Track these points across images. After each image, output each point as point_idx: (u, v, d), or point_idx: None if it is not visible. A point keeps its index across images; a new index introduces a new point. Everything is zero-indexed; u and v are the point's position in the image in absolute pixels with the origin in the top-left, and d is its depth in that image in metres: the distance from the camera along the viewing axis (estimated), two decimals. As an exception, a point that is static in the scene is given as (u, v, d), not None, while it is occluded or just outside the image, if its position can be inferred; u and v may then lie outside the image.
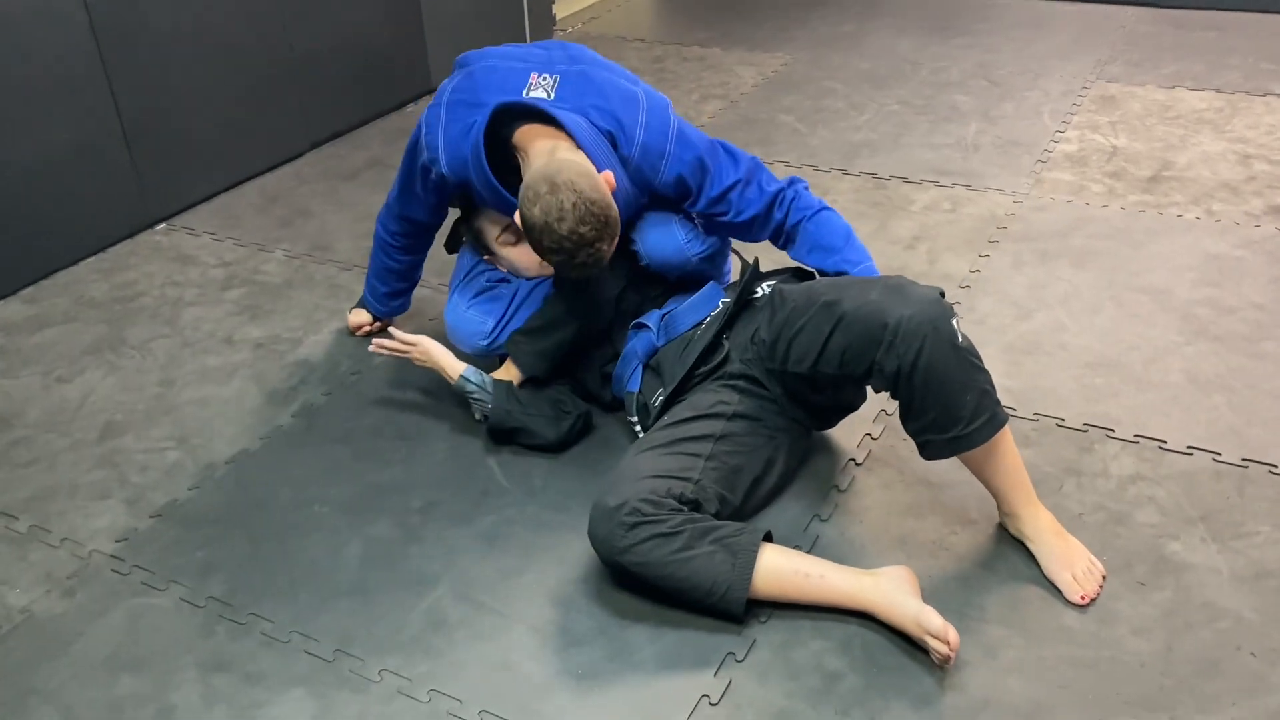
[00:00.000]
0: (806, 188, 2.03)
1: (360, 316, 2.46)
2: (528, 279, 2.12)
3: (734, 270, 2.28)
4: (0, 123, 2.60)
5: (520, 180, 1.82)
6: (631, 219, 2.01)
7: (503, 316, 2.08)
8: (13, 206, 2.67)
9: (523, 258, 2.09)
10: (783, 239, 2.03)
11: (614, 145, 1.89)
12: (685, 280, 2.10)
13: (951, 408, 1.62)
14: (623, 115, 1.88)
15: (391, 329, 2.07)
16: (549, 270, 2.06)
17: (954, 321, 1.62)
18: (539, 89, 1.91)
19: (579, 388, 2.12)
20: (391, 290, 2.39)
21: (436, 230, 2.30)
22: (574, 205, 1.69)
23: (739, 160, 1.97)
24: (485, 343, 2.09)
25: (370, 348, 2.07)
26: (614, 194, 1.79)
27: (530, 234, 1.75)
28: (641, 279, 2.10)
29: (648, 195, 1.96)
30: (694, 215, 2.02)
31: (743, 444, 1.77)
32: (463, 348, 2.14)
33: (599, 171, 1.79)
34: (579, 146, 1.83)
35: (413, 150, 2.08)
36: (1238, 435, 2.00)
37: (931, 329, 1.59)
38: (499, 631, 1.65)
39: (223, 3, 3.08)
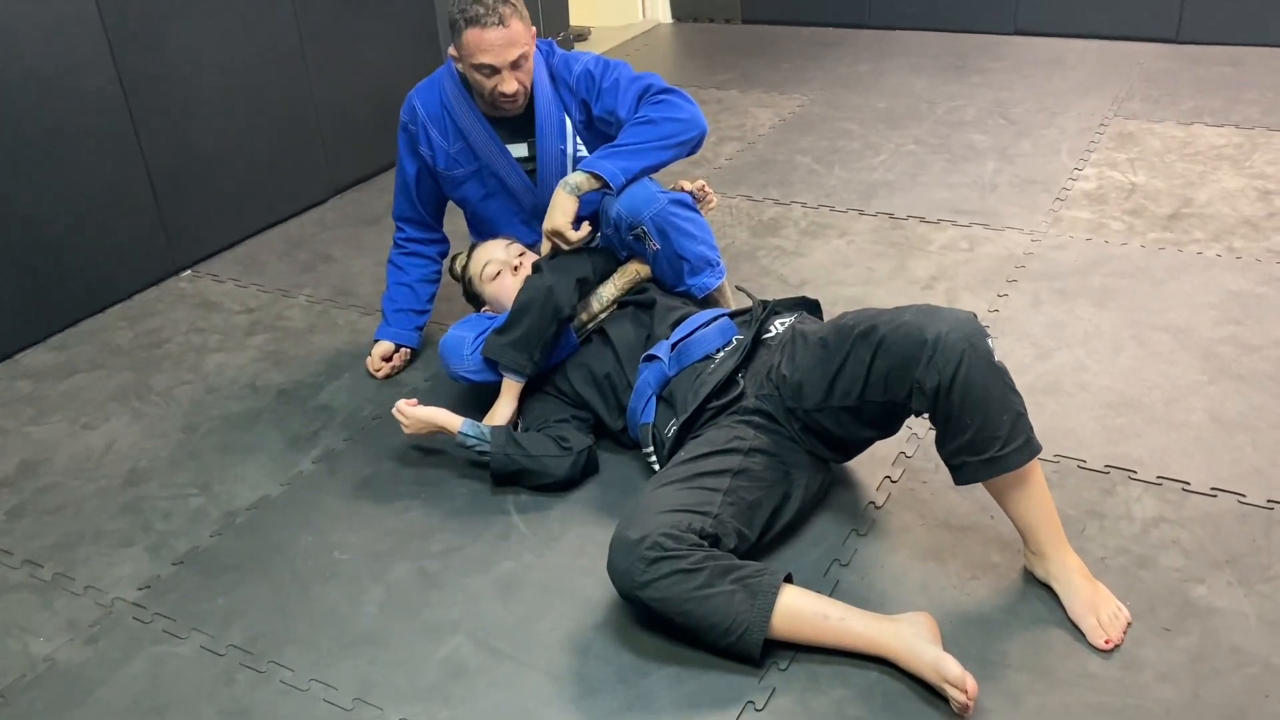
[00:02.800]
0: (685, 99, 2.27)
1: (381, 348, 2.51)
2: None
3: (726, 298, 2.33)
4: (29, 172, 2.65)
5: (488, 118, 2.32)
6: (558, 144, 2.34)
7: (482, 333, 2.17)
8: (41, 255, 2.72)
9: (503, 291, 2.23)
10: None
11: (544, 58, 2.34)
12: (667, 251, 2.18)
13: (989, 426, 1.62)
14: (554, 46, 2.35)
15: (400, 403, 2.09)
16: None
17: (989, 341, 1.64)
18: None
19: (594, 422, 2.13)
20: (400, 308, 2.51)
21: (437, 240, 2.53)
22: None
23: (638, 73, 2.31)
24: (468, 352, 2.16)
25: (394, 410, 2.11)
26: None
27: (454, 6, 2.15)
28: (638, 305, 2.18)
29: (565, 97, 2.32)
30: (595, 120, 2.32)
31: (760, 479, 1.78)
32: (449, 368, 2.19)
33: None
34: None
35: (399, 133, 2.41)
36: (1263, 476, 1.98)
37: (969, 345, 1.61)
38: (517, 679, 1.65)
39: (247, 52, 3.15)
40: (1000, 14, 4.79)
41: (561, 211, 2.13)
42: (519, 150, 2.35)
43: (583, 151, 2.35)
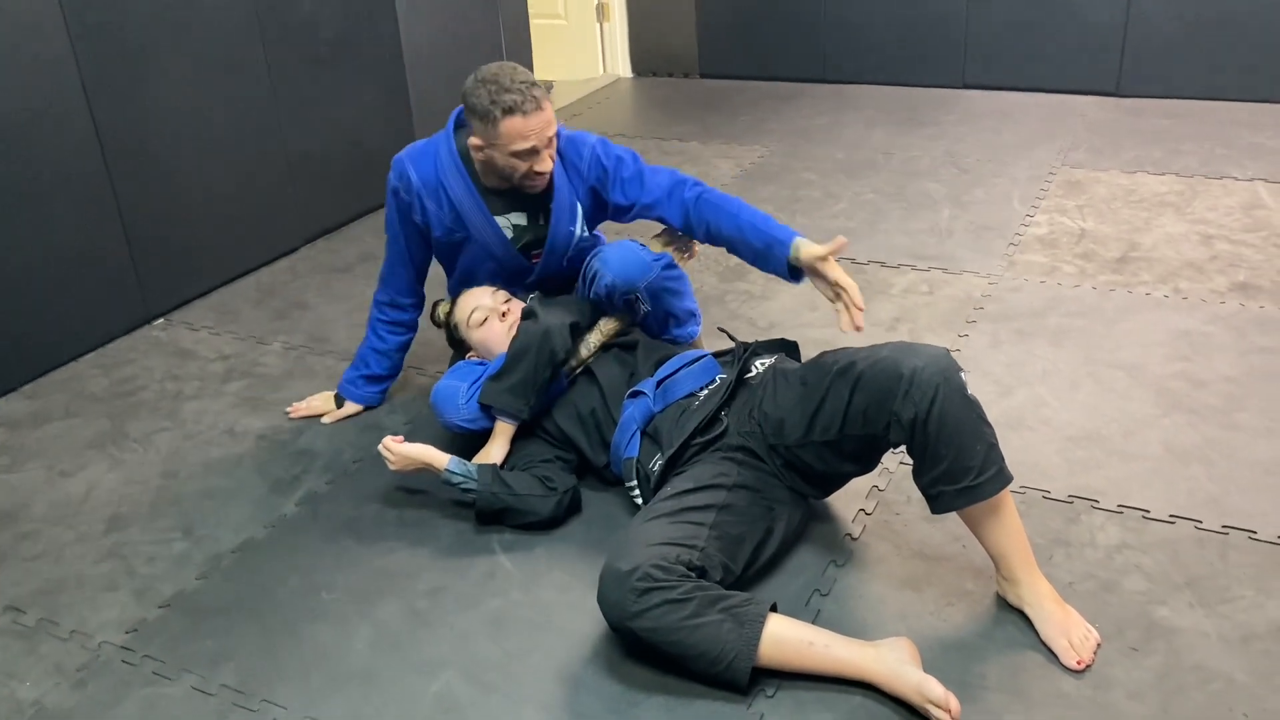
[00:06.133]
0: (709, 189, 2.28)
1: (325, 403, 2.54)
2: (497, 355, 2.24)
3: (702, 337, 2.43)
4: (5, 222, 2.66)
5: (482, 186, 2.29)
6: (569, 228, 2.32)
7: (475, 380, 2.20)
8: (13, 303, 2.72)
9: (491, 337, 2.26)
10: (700, 228, 2.25)
11: None
12: (657, 310, 2.28)
13: (963, 457, 1.69)
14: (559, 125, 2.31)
15: (387, 439, 2.09)
16: None
17: (962, 375, 1.72)
18: None
19: (578, 457, 2.17)
20: (370, 374, 2.51)
21: (419, 305, 2.49)
22: (506, 64, 2.17)
23: (654, 167, 2.32)
24: (463, 401, 2.18)
25: (380, 447, 2.11)
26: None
27: (479, 87, 2.14)
28: (622, 345, 2.24)
29: (578, 185, 2.30)
30: (610, 207, 2.33)
31: (744, 514, 1.83)
32: (444, 418, 2.22)
33: None
34: None
35: (388, 188, 2.35)
36: (1217, 503, 2.07)
37: (943, 378, 1.68)
38: (509, 713, 1.68)
39: (221, 103, 3.20)
40: (950, 69, 4.98)
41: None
42: (516, 219, 2.33)
43: (586, 233, 2.36)
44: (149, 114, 2.98)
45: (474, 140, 2.19)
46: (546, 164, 2.19)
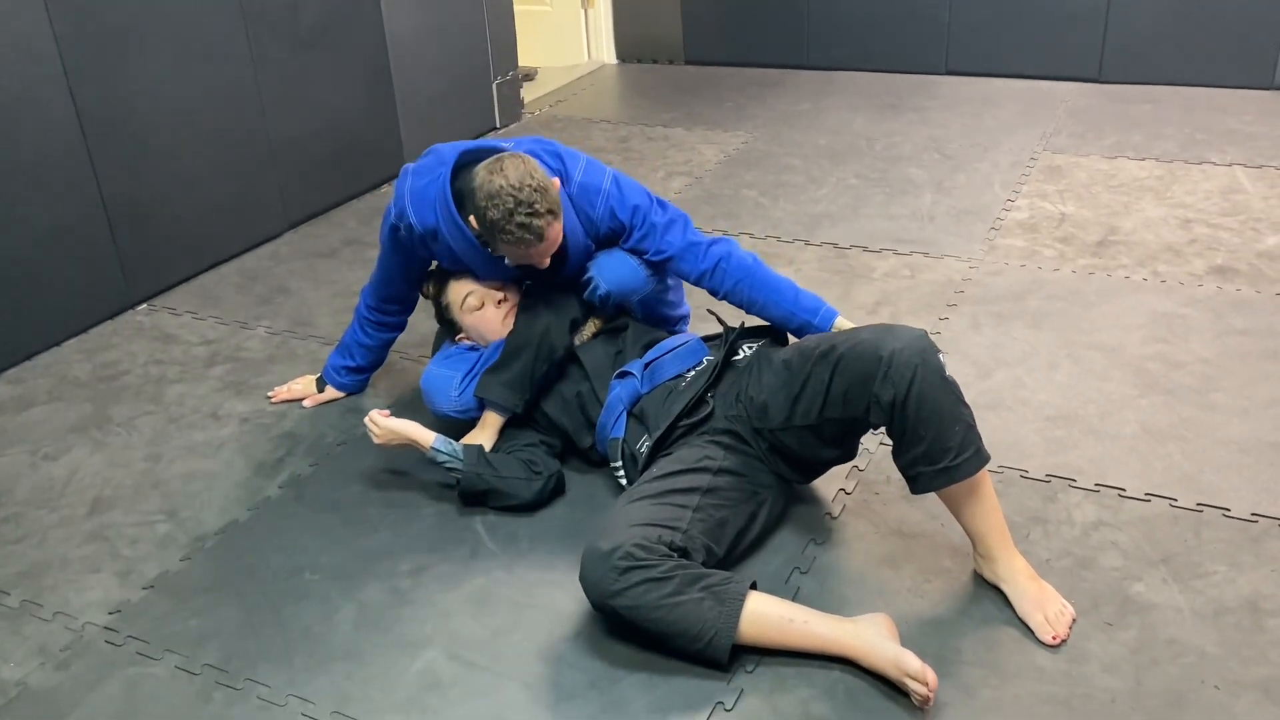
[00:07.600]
0: (736, 246, 2.22)
1: (306, 387, 2.53)
2: (491, 343, 2.23)
3: (691, 324, 2.43)
4: (-14, 208, 2.66)
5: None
6: (583, 264, 2.22)
7: (469, 371, 2.20)
8: (-3, 289, 2.71)
9: (484, 323, 2.24)
10: (721, 293, 2.20)
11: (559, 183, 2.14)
12: (649, 317, 2.28)
13: (942, 438, 1.71)
14: (566, 159, 2.17)
15: (373, 412, 2.08)
16: (509, 328, 2.21)
17: (941, 356, 1.74)
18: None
19: (561, 436, 2.18)
20: (354, 365, 2.49)
21: (409, 309, 2.44)
22: (519, 174, 1.96)
23: (667, 209, 2.22)
24: (455, 393, 2.19)
25: (365, 420, 2.11)
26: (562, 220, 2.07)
27: (486, 204, 1.96)
28: (611, 330, 2.24)
29: (591, 232, 2.19)
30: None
31: (728, 498, 1.85)
32: (435, 407, 2.22)
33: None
34: None
35: (386, 218, 2.24)
36: (1192, 481, 2.10)
37: (921, 360, 1.70)
38: (492, 690, 1.69)
39: (204, 88, 3.19)
40: (932, 55, 5.00)
41: None
42: None
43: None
44: (131, 99, 2.97)
45: (472, 220, 2.06)
46: (545, 264, 2.10)
